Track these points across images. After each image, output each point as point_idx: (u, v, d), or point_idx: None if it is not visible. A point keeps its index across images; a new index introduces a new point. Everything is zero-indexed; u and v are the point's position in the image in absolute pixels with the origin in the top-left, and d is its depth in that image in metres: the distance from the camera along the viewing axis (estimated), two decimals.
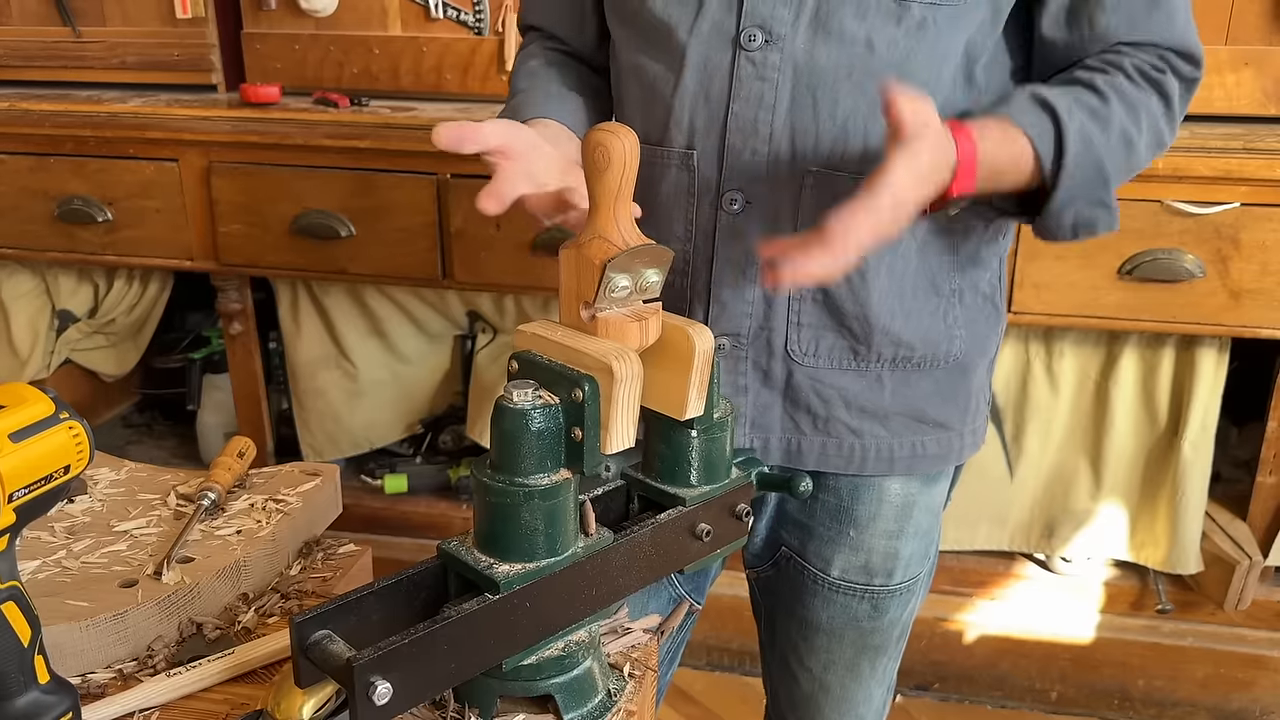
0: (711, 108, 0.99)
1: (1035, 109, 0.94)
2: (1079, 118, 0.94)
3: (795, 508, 1.14)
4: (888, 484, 1.10)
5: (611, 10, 1.08)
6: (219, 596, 0.90)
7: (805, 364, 1.04)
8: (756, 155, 0.99)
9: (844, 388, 1.05)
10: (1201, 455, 1.97)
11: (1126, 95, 0.97)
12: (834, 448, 1.07)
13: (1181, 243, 1.75)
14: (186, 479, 1.05)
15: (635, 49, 1.04)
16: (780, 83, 0.96)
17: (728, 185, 1.00)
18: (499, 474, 0.73)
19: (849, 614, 1.16)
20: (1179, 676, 2.09)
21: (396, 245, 2.01)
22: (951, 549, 2.18)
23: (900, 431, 1.08)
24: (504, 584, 0.71)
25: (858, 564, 1.13)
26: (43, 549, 0.92)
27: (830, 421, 1.06)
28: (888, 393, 1.06)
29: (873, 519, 1.11)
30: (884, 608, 1.16)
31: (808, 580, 1.15)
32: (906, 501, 1.12)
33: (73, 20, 2.23)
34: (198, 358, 2.56)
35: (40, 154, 2.07)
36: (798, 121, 0.97)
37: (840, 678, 1.21)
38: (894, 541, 1.12)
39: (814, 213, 0.98)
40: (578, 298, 0.77)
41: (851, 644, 1.18)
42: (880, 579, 1.14)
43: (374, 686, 0.65)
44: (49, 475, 0.66)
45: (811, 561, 1.14)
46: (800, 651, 1.21)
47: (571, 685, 0.77)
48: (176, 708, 0.79)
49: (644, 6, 1.01)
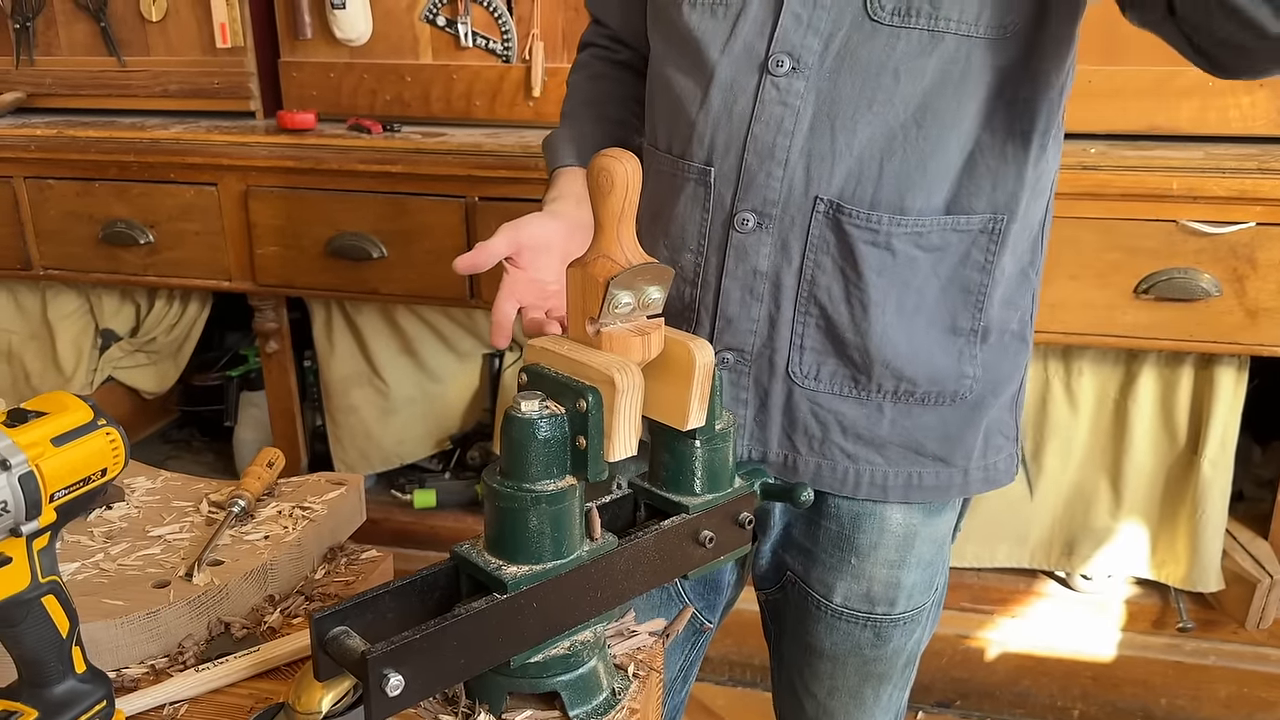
0: (733, 127, 1.01)
1: None
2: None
3: (800, 532, 1.14)
4: (889, 513, 1.10)
5: (651, 18, 1.11)
6: (246, 598, 0.94)
7: (805, 386, 1.05)
8: (772, 178, 1.00)
9: (842, 414, 1.06)
10: (1221, 473, 1.97)
11: None
12: (828, 469, 1.08)
13: (1198, 262, 1.77)
14: (218, 488, 1.10)
15: (667, 60, 1.07)
16: (801, 109, 0.98)
17: (741, 205, 1.02)
18: (508, 480, 0.77)
19: (852, 641, 1.15)
20: (1202, 696, 2.08)
21: (427, 266, 2.06)
22: (972, 566, 2.19)
23: (897, 461, 1.08)
24: (511, 584, 0.75)
25: (859, 592, 1.12)
26: (82, 552, 0.98)
27: (826, 444, 1.07)
28: (887, 422, 1.06)
29: (874, 548, 1.10)
30: (886, 636, 1.15)
31: (811, 606, 1.15)
32: (908, 532, 1.11)
33: (118, 51, 2.31)
34: (235, 375, 2.62)
35: (86, 179, 2.15)
36: (815, 148, 0.98)
37: (844, 704, 1.20)
38: (896, 571, 1.11)
39: (824, 241, 1.00)
40: (583, 314, 0.81)
41: (855, 671, 1.17)
42: (883, 608, 1.13)
43: (387, 678, 0.68)
44: (87, 478, 0.70)
45: (815, 587, 1.14)
46: (805, 677, 1.21)
47: (577, 683, 0.80)
48: (204, 701, 0.83)
49: (680, 19, 1.03)
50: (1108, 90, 1.92)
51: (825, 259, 1.01)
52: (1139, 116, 1.93)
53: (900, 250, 1.00)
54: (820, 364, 1.05)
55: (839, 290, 1.02)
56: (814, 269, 1.02)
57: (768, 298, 1.03)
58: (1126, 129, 1.94)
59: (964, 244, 1.01)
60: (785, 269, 1.02)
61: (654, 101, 1.12)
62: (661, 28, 1.08)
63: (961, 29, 0.93)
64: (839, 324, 1.03)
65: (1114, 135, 1.95)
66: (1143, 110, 1.93)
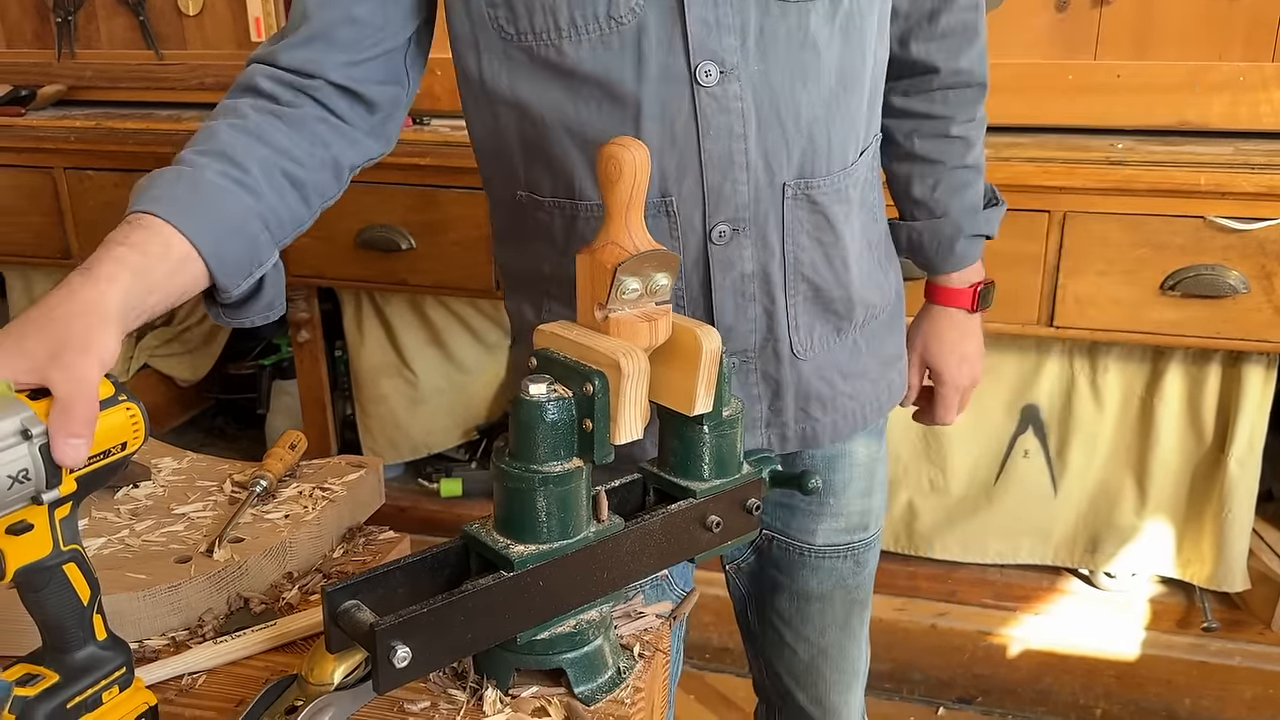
0: (681, 151, 0.96)
1: (975, 243, 1.24)
2: (985, 209, 1.24)
3: (775, 493, 1.14)
4: (855, 448, 1.19)
5: (500, 63, 0.98)
6: (265, 574, 0.97)
7: (808, 358, 1.09)
8: (739, 184, 0.98)
9: (839, 364, 1.12)
10: (1248, 472, 1.96)
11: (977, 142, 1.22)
12: (842, 421, 1.14)
13: (1225, 258, 1.75)
14: (242, 469, 1.13)
15: (561, 104, 0.97)
16: (746, 110, 0.96)
17: (713, 220, 0.99)
18: (516, 461, 0.78)
19: (836, 575, 1.24)
20: (1226, 696, 2.07)
21: (455, 258, 2.08)
22: (995, 562, 2.19)
23: (876, 379, 1.17)
24: (518, 563, 0.77)
25: (838, 527, 1.22)
26: (108, 528, 1.01)
27: (836, 398, 1.13)
28: (864, 352, 1.14)
29: (847, 484, 1.20)
30: (863, 560, 1.25)
31: (794, 555, 1.23)
32: (871, 459, 1.21)
33: (156, 44, 2.36)
34: (268, 364, 2.66)
35: (124, 170, 2.18)
36: (769, 143, 0.98)
37: (836, 639, 1.29)
38: (866, 499, 1.22)
39: (798, 221, 1.03)
40: (592, 299, 0.82)
41: (842, 603, 1.26)
42: (859, 534, 1.23)
43: (394, 650, 0.70)
44: (107, 451, 0.72)
45: (796, 537, 1.22)
46: (795, 624, 1.28)
47: (582, 661, 0.82)
48: (222, 672, 0.86)
49: (564, 61, 0.94)
50: (1136, 85, 1.90)
51: (803, 237, 1.04)
52: (1169, 111, 1.92)
53: (850, 196, 1.06)
54: (813, 330, 1.09)
55: (820, 258, 1.06)
56: (795, 250, 1.04)
57: (760, 295, 1.04)
58: (1155, 124, 1.93)
59: (866, 169, 1.09)
60: (770, 262, 1.03)
61: (548, 154, 1.00)
62: (526, 75, 0.97)
63: None
64: (825, 287, 1.07)
65: (1142, 130, 1.93)
66: (1173, 105, 1.91)
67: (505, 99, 1.00)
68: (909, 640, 2.17)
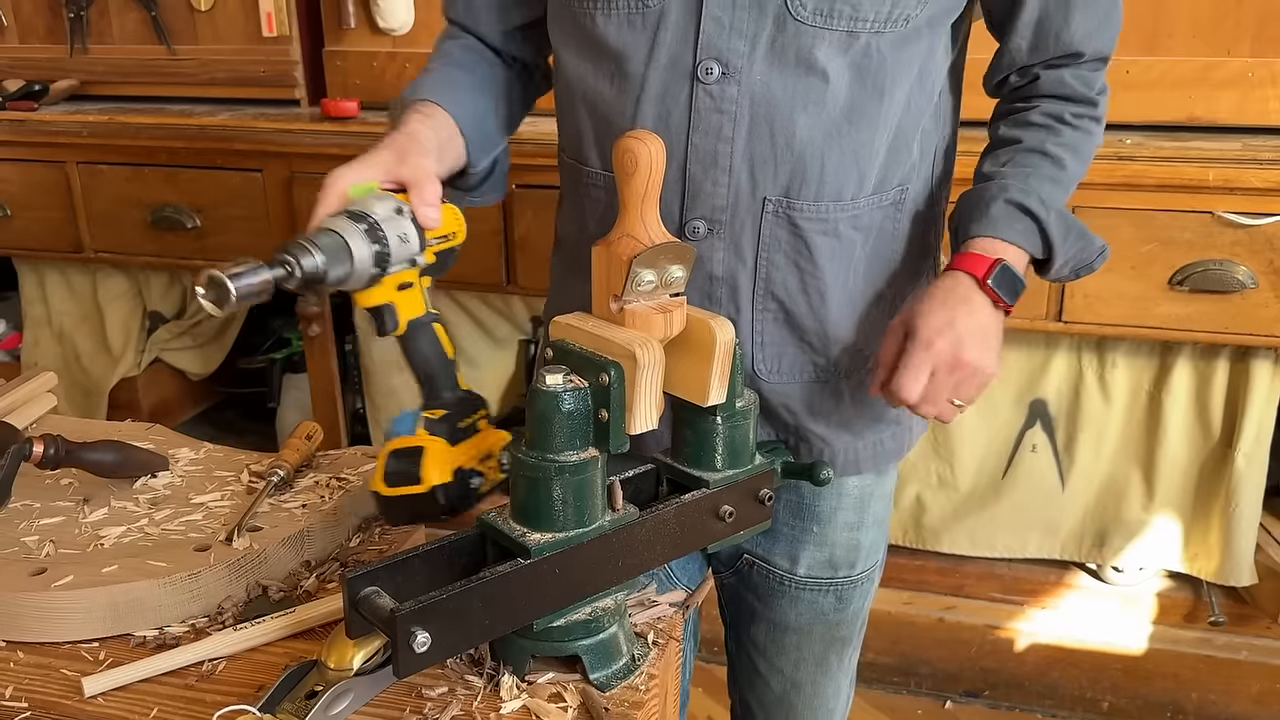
0: (671, 139, 0.99)
1: (1017, 216, 1.03)
2: (1052, 203, 1.04)
3: None
4: (846, 479, 1.15)
5: (556, 29, 1.07)
6: (284, 562, 0.98)
7: (770, 381, 1.08)
8: (718, 185, 1.00)
9: (809, 400, 1.10)
10: (1256, 467, 1.96)
11: (1076, 147, 1.08)
12: (805, 451, 1.12)
13: (1233, 254, 1.76)
14: (259, 459, 1.14)
15: (584, 73, 1.04)
16: (738, 115, 0.97)
17: (690, 214, 1.02)
18: (532, 451, 0.80)
19: (816, 609, 1.20)
20: (1233, 691, 2.07)
21: (464, 253, 2.08)
22: (1002, 557, 2.20)
23: (862, 432, 1.13)
24: (535, 550, 0.78)
25: (822, 559, 1.18)
26: (128, 517, 1.02)
27: (800, 430, 1.11)
28: (847, 399, 1.11)
29: (834, 513, 1.16)
30: (848, 599, 1.21)
31: (774, 582, 1.20)
32: (864, 493, 1.17)
33: (168, 39, 2.37)
34: (279, 358, 2.68)
35: (136, 164, 2.20)
36: (756, 152, 0.99)
37: (811, 674, 1.25)
38: (855, 533, 1.17)
39: (775, 239, 1.02)
40: (608, 291, 0.84)
41: (820, 639, 1.23)
42: (844, 570, 1.19)
43: (414, 635, 0.72)
44: (446, 235, 0.98)
45: (777, 563, 1.19)
46: (769, 654, 1.25)
47: (597, 648, 0.83)
48: (241, 659, 0.87)
49: (595, 30, 1.00)
50: (1145, 81, 1.91)
51: (779, 256, 1.03)
52: (1177, 107, 1.92)
53: (844, 234, 1.04)
54: (781, 356, 1.08)
55: (795, 282, 1.04)
56: (768, 266, 1.04)
57: (726, 300, 1.05)
58: (1164, 119, 1.93)
59: (882, 217, 1.06)
60: (740, 270, 1.04)
61: (573, 116, 1.09)
62: (571, 39, 1.05)
63: (875, 26, 0.95)
64: (797, 315, 1.06)
65: (1151, 126, 1.94)
66: (1181, 101, 1.92)
67: (559, 59, 1.10)
68: (917, 634, 2.18)
